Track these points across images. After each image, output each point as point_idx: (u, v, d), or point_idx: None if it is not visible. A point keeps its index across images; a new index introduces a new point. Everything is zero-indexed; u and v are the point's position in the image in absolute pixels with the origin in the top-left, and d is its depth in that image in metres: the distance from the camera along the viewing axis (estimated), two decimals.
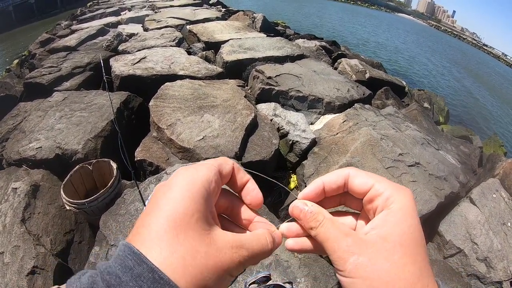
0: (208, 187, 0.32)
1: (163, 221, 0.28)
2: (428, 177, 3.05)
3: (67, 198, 2.43)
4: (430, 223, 2.78)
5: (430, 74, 14.47)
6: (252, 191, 0.40)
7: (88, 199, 2.43)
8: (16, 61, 6.94)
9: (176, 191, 0.30)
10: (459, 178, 3.24)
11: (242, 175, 0.40)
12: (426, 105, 6.25)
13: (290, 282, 1.56)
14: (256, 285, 1.24)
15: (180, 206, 0.29)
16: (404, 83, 6.71)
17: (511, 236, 2.61)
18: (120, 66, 4.22)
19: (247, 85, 4.61)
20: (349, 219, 0.41)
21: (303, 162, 3.25)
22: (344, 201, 0.42)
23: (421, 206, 2.69)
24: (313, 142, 3.43)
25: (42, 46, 7.03)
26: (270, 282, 1.19)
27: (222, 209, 0.40)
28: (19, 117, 3.57)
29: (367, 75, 5.52)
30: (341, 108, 4.12)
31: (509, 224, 2.71)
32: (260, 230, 0.38)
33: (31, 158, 2.89)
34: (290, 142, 3.43)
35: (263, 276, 1.23)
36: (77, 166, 2.69)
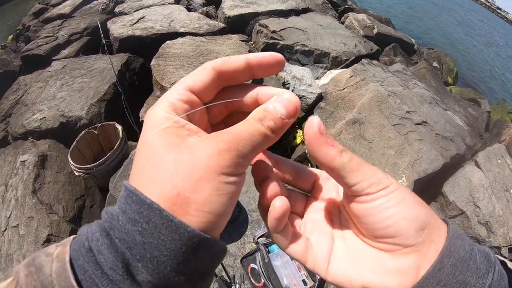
0: (168, 117, 0.28)
1: (140, 158, 0.28)
2: (434, 136, 3.01)
3: (75, 164, 2.42)
4: (435, 183, 2.79)
5: (440, 34, 13.83)
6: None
7: (96, 163, 2.42)
8: (10, 36, 6.73)
9: (146, 135, 0.29)
10: (465, 140, 3.20)
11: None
12: (435, 64, 6.04)
13: None
14: (265, 238, 1.24)
15: (150, 143, 0.28)
16: (413, 40, 6.43)
17: None
18: (118, 28, 4.06)
19: (250, 40, 4.44)
20: None
21: (309, 117, 3.19)
22: None
23: (426, 165, 2.67)
24: (319, 97, 3.35)
25: (36, 17, 6.77)
26: None
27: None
28: (20, 91, 3.53)
29: (375, 31, 5.27)
30: (348, 63, 3.97)
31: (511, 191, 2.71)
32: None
33: (36, 129, 2.89)
34: None
35: None
36: (82, 132, 2.67)
